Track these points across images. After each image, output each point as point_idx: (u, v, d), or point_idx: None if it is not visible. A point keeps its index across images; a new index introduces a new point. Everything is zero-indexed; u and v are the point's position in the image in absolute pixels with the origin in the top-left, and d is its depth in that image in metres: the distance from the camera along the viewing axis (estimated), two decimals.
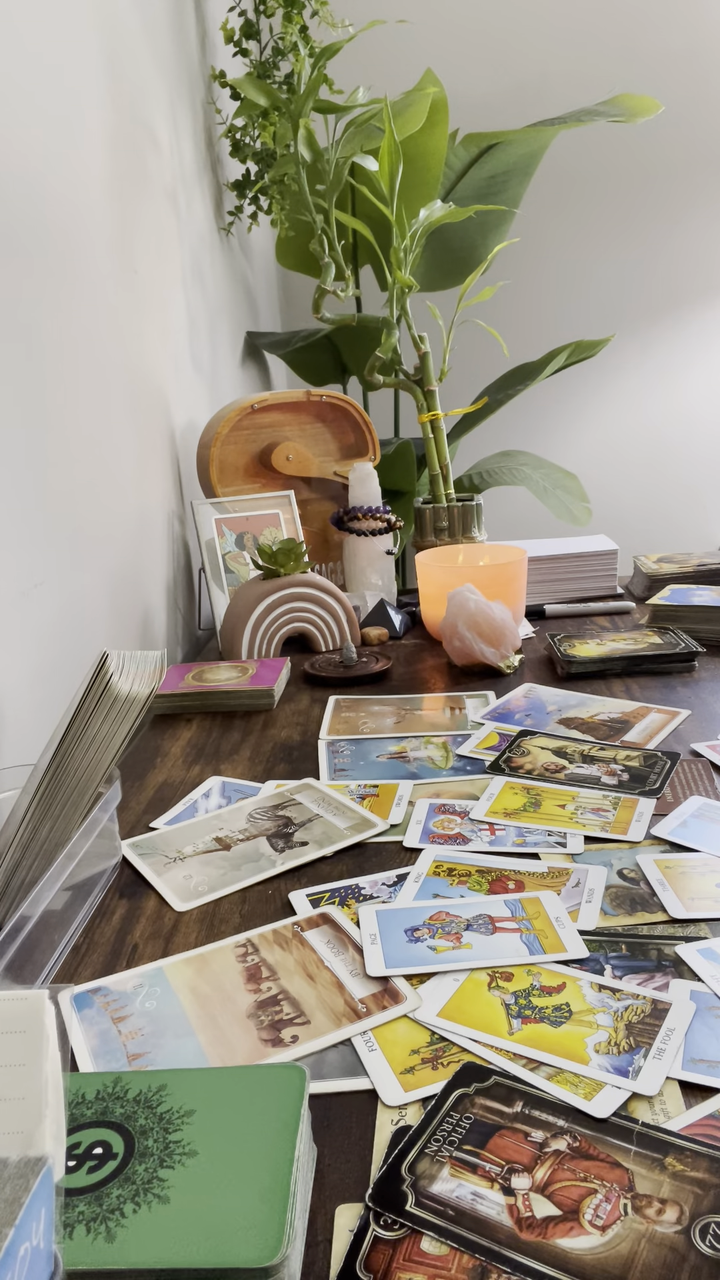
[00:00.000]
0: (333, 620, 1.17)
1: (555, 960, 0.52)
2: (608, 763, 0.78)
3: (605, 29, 2.52)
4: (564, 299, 2.70)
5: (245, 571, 1.31)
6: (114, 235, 1.15)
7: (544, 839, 0.66)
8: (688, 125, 2.57)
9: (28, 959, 0.51)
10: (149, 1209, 0.33)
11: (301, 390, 1.45)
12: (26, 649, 0.83)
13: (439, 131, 1.86)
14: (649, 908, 0.57)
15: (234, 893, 0.62)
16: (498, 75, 2.56)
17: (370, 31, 1.73)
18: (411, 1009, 0.48)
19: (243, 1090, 0.38)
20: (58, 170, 0.97)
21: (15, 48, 0.87)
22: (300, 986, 0.51)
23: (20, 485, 0.84)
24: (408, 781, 0.77)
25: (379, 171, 1.38)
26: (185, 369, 1.50)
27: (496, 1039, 0.46)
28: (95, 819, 0.59)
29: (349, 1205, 0.37)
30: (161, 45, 1.46)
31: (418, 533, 1.42)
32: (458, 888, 0.60)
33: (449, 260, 2.11)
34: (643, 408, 2.77)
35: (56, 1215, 0.29)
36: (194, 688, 1.00)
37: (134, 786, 0.81)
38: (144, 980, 0.53)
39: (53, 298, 0.94)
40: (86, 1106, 0.38)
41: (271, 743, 0.90)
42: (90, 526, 1.01)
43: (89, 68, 1.09)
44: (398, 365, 1.45)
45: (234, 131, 1.78)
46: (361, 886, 0.61)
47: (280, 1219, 0.33)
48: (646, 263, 2.69)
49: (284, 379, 2.57)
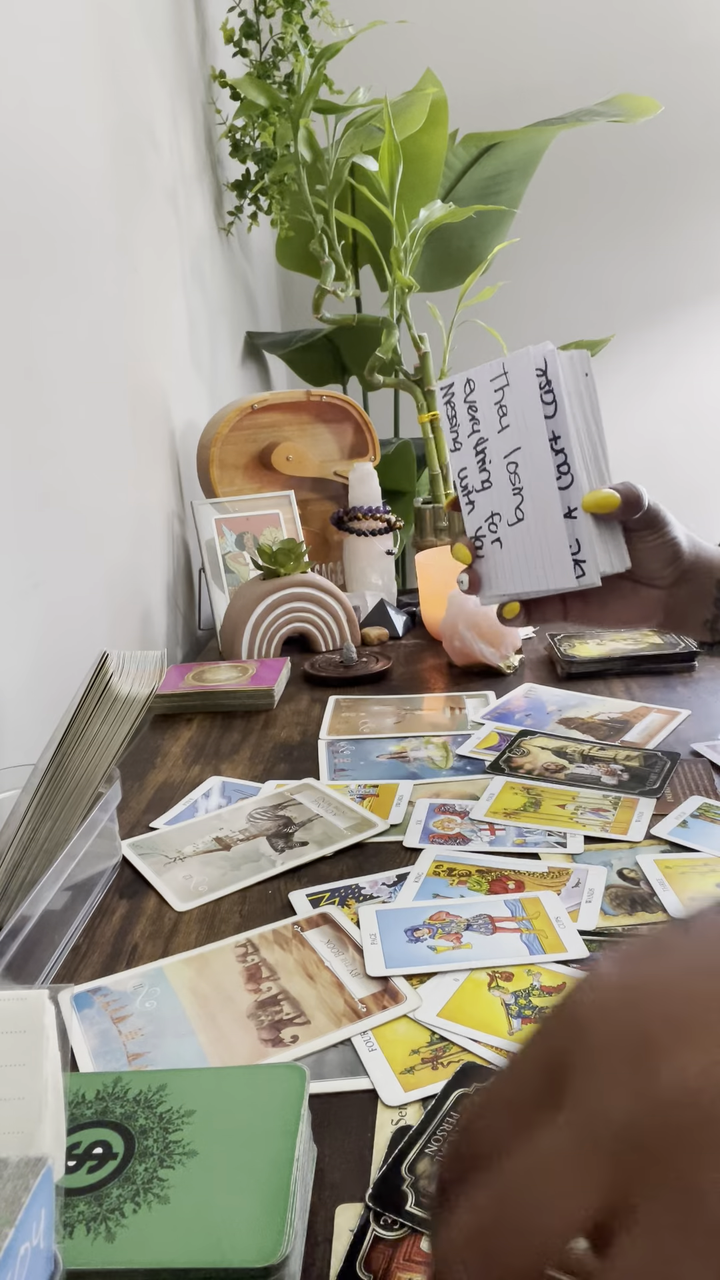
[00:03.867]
0: (333, 620, 1.17)
1: (555, 960, 0.52)
2: (608, 763, 0.78)
3: (605, 29, 2.52)
4: (564, 299, 2.70)
5: (245, 571, 1.31)
6: (114, 235, 1.15)
7: (544, 839, 0.66)
8: (688, 125, 2.57)
9: (28, 959, 0.51)
10: (149, 1209, 0.33)
11: (301, 390, 1.45)
12: (26, 649, 0.83)
13: (439, 132, 1.86)
14: (649, 908, 0.57)
15: (234, 893, 0.62)
16: (498, 75, 2.56)
17: (370, 31, 1.73)
18: (411, 1009, 0.49)
19: (243, 1090, 0.38)
20: (58, 170, 0.97)
21: (15, 48, 0.87)
22: (300, 986, 0.51)
23: (20, 485, 0.84)
24: (408, 781, 0.77)
25: (379, 171, 1.38)
26: (185, 369, 1.50)
27: (497, 1039, 0.46)
28: (95, 819, 0.59)
29: (349, 1205, 0.37)
30: (161, 45, 1.46)
31: (418, 533, 1.42)
32: (458, 888, 0.60)
33: (449, 260, 2.11)
34: (643, 408, 2.77)
35: (56, 1215, 0.29)
36: (194, 688, 1.00)
37: (134, 786, 0.81)
38: (144, 980, 0.53)
39: (52, 297, 0.94)
40: (86, 1106, 0.38)
41: (271, 743, 0.90)
42: (90, 526, 1.01)
43: (89, 68, 1.09)
44: (398, 365, 1.45)
45: (234, 131, 1.78)
46: (361, 886, 0.61)
47: (280, 1219, 0.33)
48: (646, 263, 2.69)
49: (284, 379, 2.57)
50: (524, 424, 0.70)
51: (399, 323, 1.46)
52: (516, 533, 0.72)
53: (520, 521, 0.71)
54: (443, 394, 0.75)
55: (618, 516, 0.69)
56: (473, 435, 0.73)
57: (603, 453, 0.71)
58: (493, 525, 0.73)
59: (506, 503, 0.72)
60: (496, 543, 0.73)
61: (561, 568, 0.69)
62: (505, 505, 0.72)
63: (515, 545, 0.72)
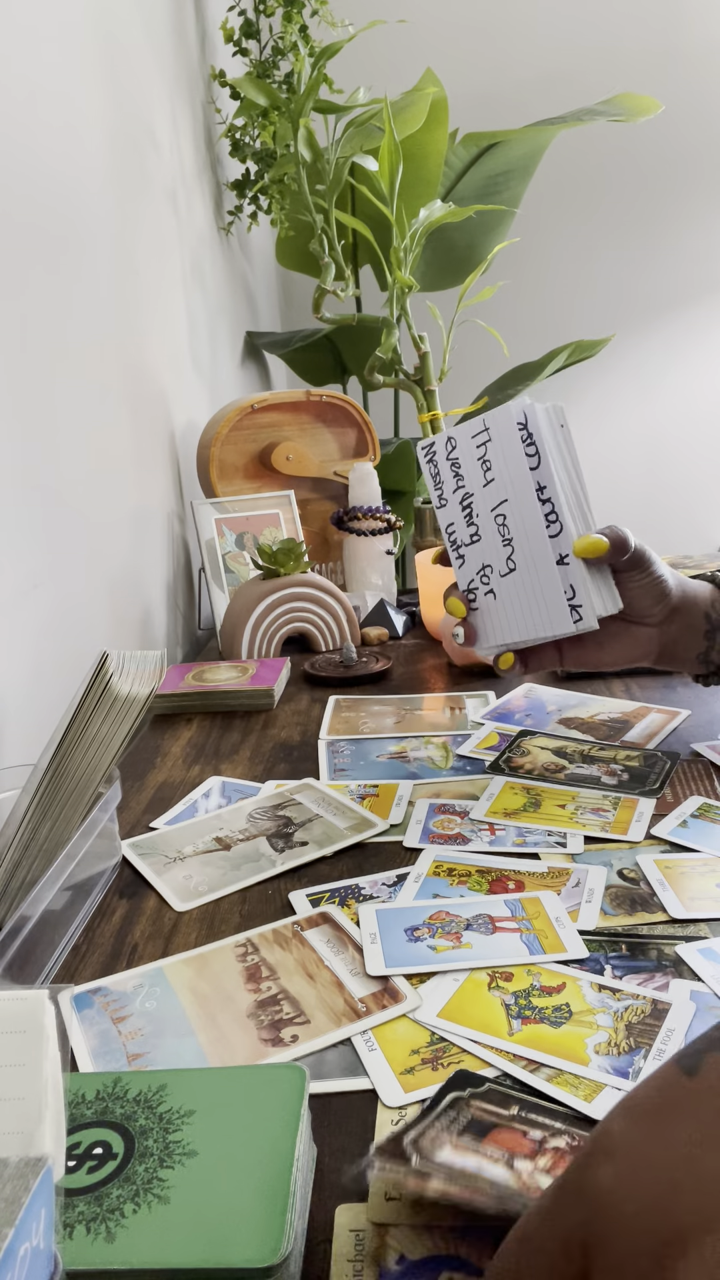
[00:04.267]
0: (333, 620, 1.17)
1: (555, 960, 0.52)
2: (608, 763, 0.78)
3: (605, 29, 2.52)
4: (564, 299, 2.70)
5: (245, 571, 1.31)
6: (114, 235, 1.15)
7: (544, 839, 0.66)
8: (688, 125, 2.57)
9: (28, 959, 0.51)
10: (149, 1209, 0.33)
11: (301, 390, 1.45)
12: (26, 649, 0.83)
13: (439, 131, 1.86)
14: (649, 908, 0.57)
15: (234, 893, 0.62)
16: (498, 75, 2.56)
17: (370, 31, 1.73)
18: (411, 1009, 0.49)
19: (243, 1090, 0.38)
20: (57, 170, 0.97)
21: (14, 48, 0.87)
22: (300, 986, 0.51)
23: (20, 485, 0.84)
24: (408, 781, 0.77)
25: (379, 171, 1.38)
26: (185, 369, 1.50)
27: (496, 1040, 0.46)
28: (95, 819, 0.59)
29: (349, 1205, 0.37)
30: (161, 45, 1.46)
31: (418, 533, 1.42)
32: (458, 888, 0.60)
33: (449, 260, 2.11)
34: (643, 408, 2.77)
35: (56, 1215, 0.29)
36: (194, 688, 1.00)
37: (134, 786, 0.81)
38: (144, 980, 0.53)
39: (52, 297, 0.94)
40: (86, 1106, 0.38)
41: (271, 743, 0.90)
42: (90, 526, 1.01)
43: (88, 68, 1.09)
44: (398, 365, 1.45)
45: (234, 131, 1.78)
46: (361, 886, 0.61)
47: (280, 1219, 0.33)
48: (646, 263, 2.69)
49: (284, 379, 2.57)
50: (509, 477, 0.72)
51: (399, 323, 1.46)
52: (509, 583, 0.73)
53: (512, 571, 0.73)
54: (424, 453, 0.76)
55: (607, 560, 0.71)
56: (458, 491, 0.75)
57: (585, 499, 0.73)
58: (484, 577, 0.75)
59: (497, 554, 0.74)
60: (490, 594, 0.75)
61: (559, 614, 0.71)
62: (496, 557, 0.74)
63: (509, 595, 0.73)
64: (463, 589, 0.77)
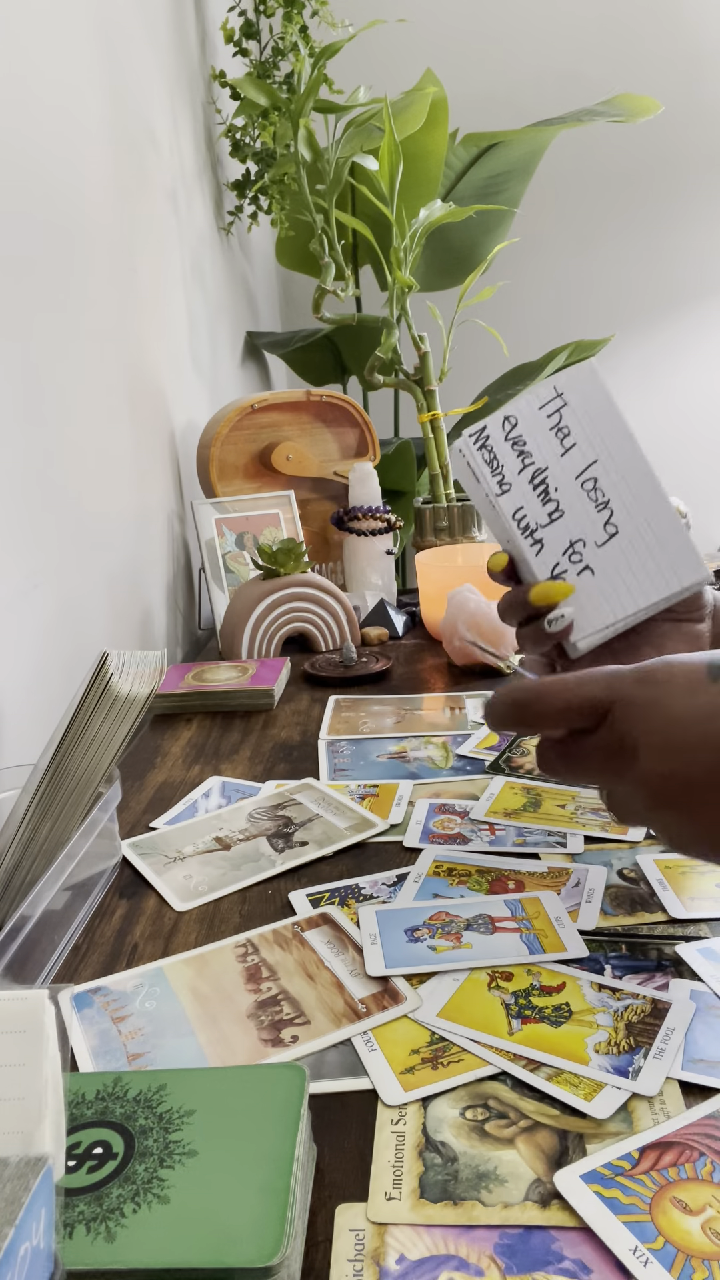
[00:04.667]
0: (333, 620, 1.17)
1: (555, 960, 0.52)
2: None
3: (604, 29, 2.52)
4: (564, 299, 2.70)
5: (245, 571, 1.31)
6: (114, 235, 1.15)
7: (544, 839, 0.66)
8: (687, 126, 2.57)
9: (28, 959, 0.51)
10: (149, 1209, 0.33)
11: (301, 390, 1.45)
12: (26, 649, 0.83)
13: (439, 131, 1.86)
14: (649, 908, 0.57)
15: (234, 893, 0.62)
16: (497, 75, 2.56)
17: (370, 31, 1.73)
18: (411, 1009, 0.49)
19: (243, 1090, 0.39)
20: (57, 170, 0.97)
21: (14, 48, 0.87)
22: (300, 986, 0.51)
23: (20, 485, 0.84)
24: (408, 781, 0.77)
25: (379, 171, 1.38)
26: (185, 369, 1.50)
27: (496, 1039, 0.46)
28: (95, 819, 0.59)
29: (349, 1205, 0.37)
30: (161, 45, 1.46)
31: (418, 533, 1.42)
32: (458, 888, 0.60)
33: (449, 260, 2.11)
34: (642, 408, 2.77)
35: (56, 1215, 0.29)
36: (194, 688, 1.00)
37: (134, 786, 0.81)
38: (144, 980, 0.53)
39: (52, 297, 0.94)
40: (86, 1106, 0.38)
41: (271, 743, 0.90)
42: (90, 526, 1.01)
43: (89, 67, 1.09)
44: (398, 365, 1.45)
45: (234, 131, 1.79)
46: (361, 886, 0.61)
47: (280, 1219, 0.33)
48: (646, 263, 2.69)
49: (284, 379, 2.57)
50: (598, 434, 0.66)
51: (399, 322, 1.46)
52: (611, 550, 0.66)
53: (614, 536, 0.66)
54: (475, 440, 0.68)
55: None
56: (524, 470, 0.67)
57: None
58: (574, 556, 0.66)
59: (590, 524, 0.66)
60: (586, 571, 0.66)
61: (685, 562, 0.64)
62: (588, 527, 0.66)
63: (612, 564, 0.66)
64: (545, 578, 0.67)
